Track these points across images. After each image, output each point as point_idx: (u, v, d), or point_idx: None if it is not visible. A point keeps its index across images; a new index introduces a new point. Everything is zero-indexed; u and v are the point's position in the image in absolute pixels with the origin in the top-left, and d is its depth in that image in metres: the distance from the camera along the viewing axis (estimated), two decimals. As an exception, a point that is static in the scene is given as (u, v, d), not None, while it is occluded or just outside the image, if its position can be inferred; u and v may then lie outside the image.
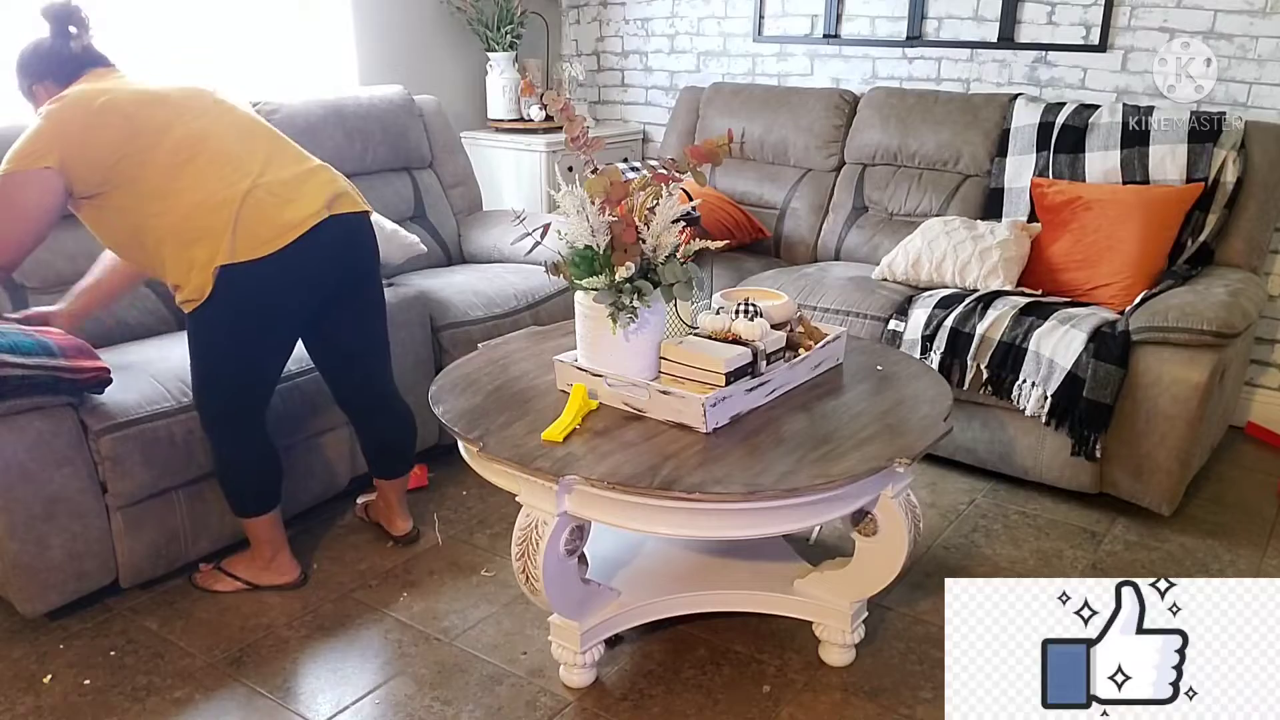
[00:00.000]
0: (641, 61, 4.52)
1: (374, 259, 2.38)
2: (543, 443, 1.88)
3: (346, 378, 2.44)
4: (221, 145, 2.13)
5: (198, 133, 2.12)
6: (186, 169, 2.08)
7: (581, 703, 2.04)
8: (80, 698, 2.06)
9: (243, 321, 2.15)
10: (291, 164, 2.21)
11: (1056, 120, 3.28)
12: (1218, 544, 2.66)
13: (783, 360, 2.12)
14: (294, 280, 2.16)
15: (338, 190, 2.23)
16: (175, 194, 2.08)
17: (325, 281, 2.24)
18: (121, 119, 2.06)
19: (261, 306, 2.15)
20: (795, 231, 3.76)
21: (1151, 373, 2.61)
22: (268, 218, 2.10)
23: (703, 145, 1.98)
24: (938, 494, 2.92)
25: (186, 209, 2.07)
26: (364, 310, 2.39)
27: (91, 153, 2.04)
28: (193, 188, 2.08)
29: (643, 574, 2.23)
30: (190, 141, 2.10)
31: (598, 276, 1.96)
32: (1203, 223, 3.04)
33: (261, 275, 2.10)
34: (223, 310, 2.11)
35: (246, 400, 2.26)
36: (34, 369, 2.05)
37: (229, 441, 2.28)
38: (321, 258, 2.18)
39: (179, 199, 2.07)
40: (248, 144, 2.18)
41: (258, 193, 2.10)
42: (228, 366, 2.21)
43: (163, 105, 2.12)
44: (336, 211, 2.19)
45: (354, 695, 2.07)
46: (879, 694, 2.06)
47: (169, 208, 2.08)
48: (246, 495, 2.33)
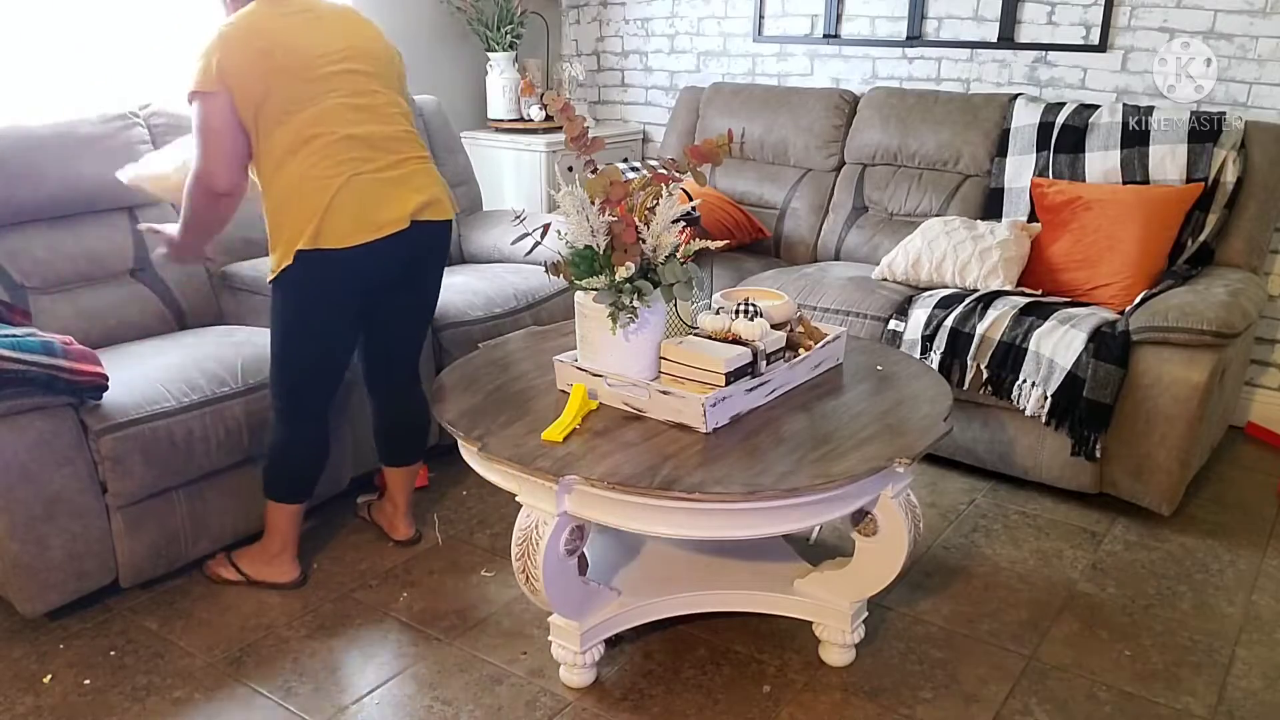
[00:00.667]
0: (641, 61, 4.52)
1: (442, 261, 2.44)
2: (543, 443, 1.88)
3: (384, 360, 2.49)
4: (342, 130, 2.15)
5: (326, 116, 2.14)
6: (302, 150, 2.13)
7: (581, 703, 2.04)
8: (80, 697, 2.06)
9: (313, 303, 2.22)
10: (398, 161, 2.23)
11: (1056, 120, 3.28)
12: (1218, 544, 2.66)
13: (783, 360, 2.12)
14: (365, 276, 2.22)
15: (430, 197, 2.26)
16: (288, 166, 2.13)
17: (392, 277, 2.30)
18: (267, 73, 2.09)
19: (332, 295, 2.21)
20: (795, 231, 3.76)
21: (1151, 373, 2.61)
22: (356, 213, 2.14)
23: (703, 145, 1.98)
24: (938, 494, 2.92)
25: (293, 184, 2.13)
26: (420, 302, 2.46)
27: (241, 88, 2.09)
28: (303, 166, 2.12)
29: (643, 574, 2.23)
30: (315, 123, 2.13)
31: (598, 276, 1.96)
32: (1203, 223, 3.04)
33: (336, 266, 2.16)
34: (296, 289, 2.19)
35: (310, 381, 2.31)
36: (32, 365, 2.06)
37: (286, 419, 2.33)
38: (396, 260, 2.25)
39: (290, 172, 2.13)
40: (368, 134, 2.19)
41: (355, 185, 2.14)
42: (295, 344, 2.26)
43: (308, 82, 2.13)
44: (422, 218, 2.24)
45: (354, 695, 2.07)
46: (879, 694, 2.06)
47: (280, 178, 2.14)
48: (282, 479, 2.37)
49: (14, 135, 2.66)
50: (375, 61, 2.26)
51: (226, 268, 3.01)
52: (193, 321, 2.91)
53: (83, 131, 2.79)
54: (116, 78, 3.20)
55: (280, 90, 2.10)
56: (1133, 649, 2.22)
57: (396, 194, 2.20)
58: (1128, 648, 2.22)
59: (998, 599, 2.40)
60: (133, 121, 2.92)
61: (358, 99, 2.20)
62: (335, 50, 2.18)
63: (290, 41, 2.13)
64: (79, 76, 3.11)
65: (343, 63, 2.19)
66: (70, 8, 3.05)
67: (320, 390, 2.34)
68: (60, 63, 3.08)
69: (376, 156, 2.19)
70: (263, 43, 2.10)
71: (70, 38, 3.08)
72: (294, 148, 2.12)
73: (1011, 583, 2.47)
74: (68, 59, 3.09)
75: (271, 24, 2.13)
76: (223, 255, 2.98)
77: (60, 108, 2.94)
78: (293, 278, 2.16)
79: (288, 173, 2.13)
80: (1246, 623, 2.32)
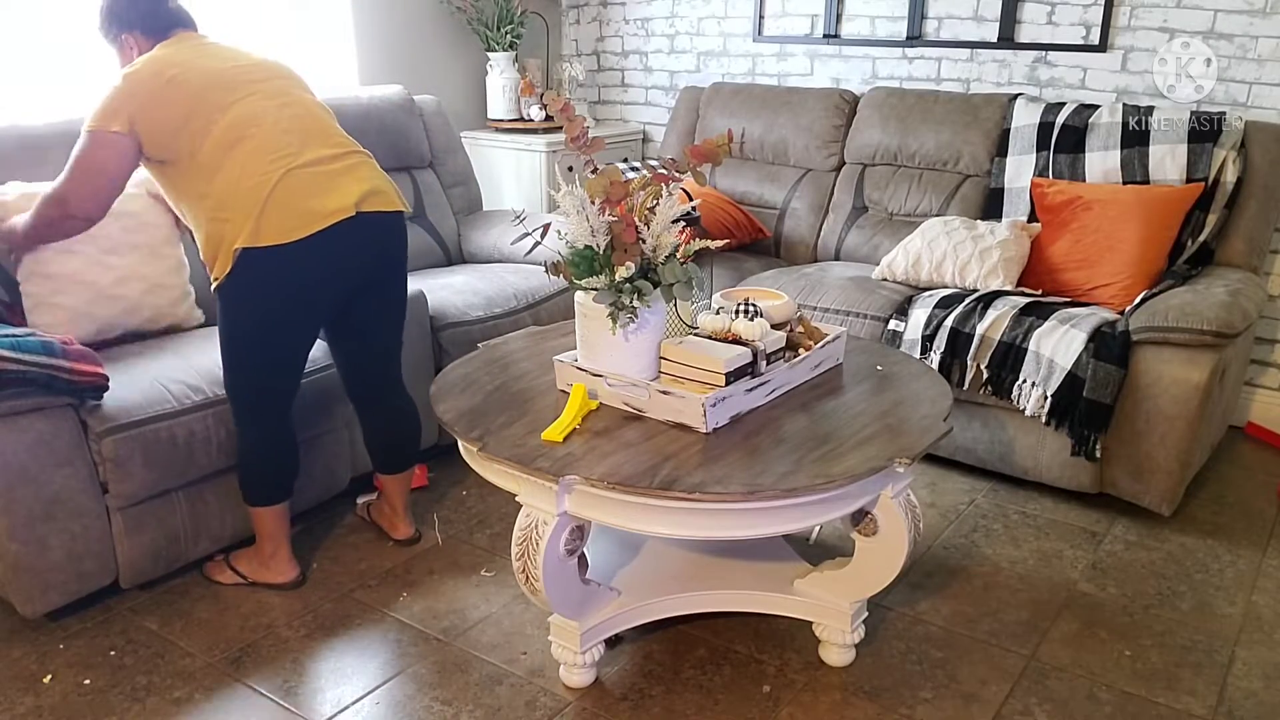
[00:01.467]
0: (641, 61, 4.52)
1: (401, 258, 2.41)
2: (543, 443, 1.88)
3: (361, 369, 2.47)
4: (272, 128, 2.16)
5: (252, 114, 2.16)
6: (234, 150, 2.12)
7: (581, 703, 2.04)
8: (80, 697, 2.06)
9: (260, 305, 2.18)
10: (335, 155, 2.22)
11: (1056, 120, 3.28)
12: (1218, 544, 2.67)
13: (783, 360, 2.12)
14: (313, 271, 2.18)
15: (374, 187, 2.24)
16: (219, 173, 2.12)
17: (348, 275, 2.26)
18: (185, 96, 2.12)
19: (279, 292, 2.18)
20: (795, 231, 3.76)
21: (1151, 373, 2.61)
22: (296, 205, 2.12)
23: (703, 145, 1.98)
24: (938, 494, 2.92)
25: (225, 188, 2.12)
26: (387, 306, 2.42)
27: (156, 123, 2.12)
28: (234, 169, 2.12)
29: (643, 574, 2.23)
30: (243, 123, 2.14)
31: (598, 276, 1.96)
32: (1203, 223, 3.04)
33: (280, 262, 2.12)
34: (241, 292, 2.16)
35: (268, 385, 2.29)
36: (32, 365, 2.06)
37: (248, 425, 2.31)
38: (345, 253, 2.21)
39: (221, 178, 2.12)
40: (297, 128, 2.20)
41: (291, 178, 2.13)
42: (247, 349, 2.24)
43: (228, 89, 2.17)
44: (368, 209, 2.21)
45: (354, 695, 2.07)
46: (879, 694, 2.06)
47: (212, 188, 2.13)
48: (255, 483, 2.35)
49: (14, 134, 2.66)
50: (281, 71, 2.31)
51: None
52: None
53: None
54: (114, 77, 3.19)
55: (201, 104, 2.12)
56: (1133, 649, 2.22)
57: (338, 184, 2.18)
58: (1128, 648, 2.22)
59: (998, 599, 2.40)
60: (133, 121, 2.92)
61: (279, 97, 2.22)
62: (246, 65, 2.24)
63: (200, 63, 2.18)
64: (78, 75, 3.11)
65: (256, 71, 2.24)
66: (70, 8, 3.05)
67: (278, 392, 2.31)
68: (60, 63, 3.08)
69: (311, 149, 2.19)
70: (173, 71, 2.14)
71: (70, 38, 3.08)
72: (225, 151, 2.12)
73: (1011, 583, 2.47)
74: (68, 59, 3.09)
75: (177, 55, 2.18)
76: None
77: (60, 106, 2.94)
78: (237, 280, 2.13)
79: (220, 180, 2.11)
80: (1246, 623, 2.32)
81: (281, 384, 2.31)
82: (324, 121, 2.28)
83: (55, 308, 2.49)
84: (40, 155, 2.68)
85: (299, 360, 2.32)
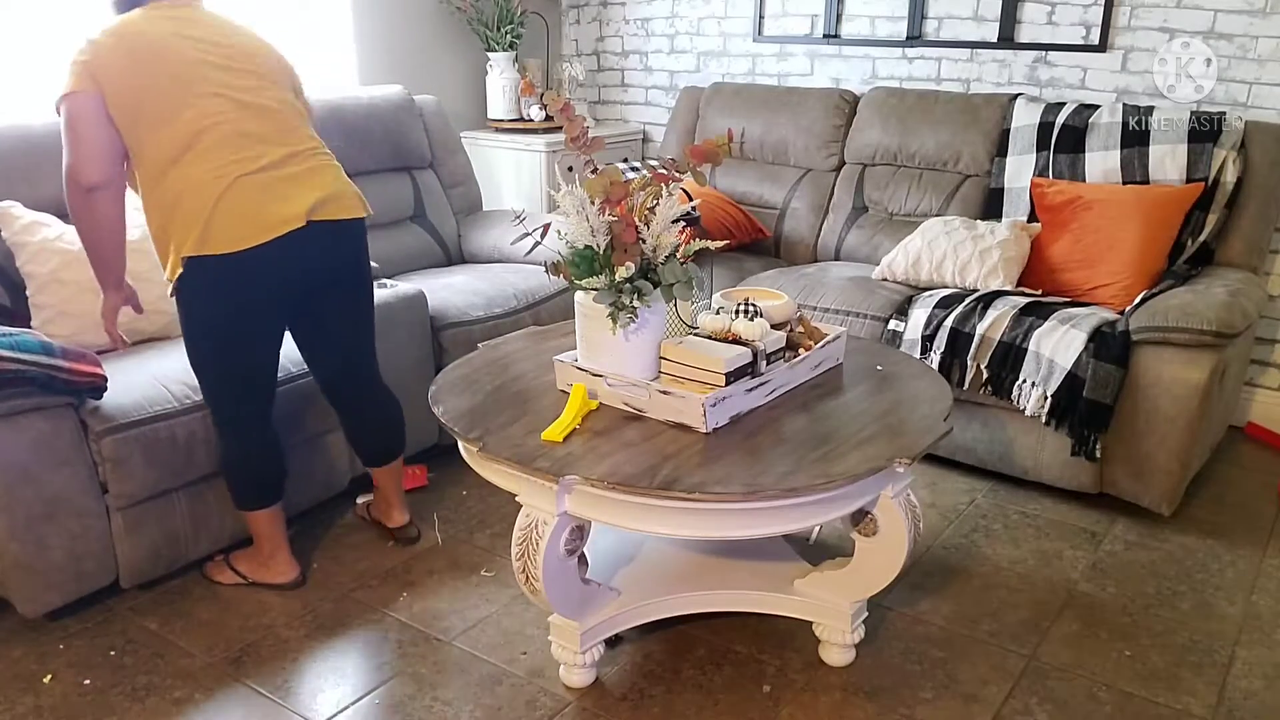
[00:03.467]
0: (641, 61, 4.52)
1: (358, 263, 2.35)
2: (543, 443, 1.88)
3: (330, 368, 2.44)
4: (230, 130, 2.10)
5: (209, 111, 2.09)
6: (188, 151, 2.07)
7: (581, 703, 2.04)
8: (80, 697, 2.06)
9: (213, 312, 2.15)
10: (292, 157, 2.16)
11: (1056, 120, 3.28)
12: (1218, 544, 2.66)
13: (783, 360, 2.12)
14: (262, 280, 2.14)
15: (329, 193, 2.19)
16: (173, 169, 2.07)
17: (299, 283, 2.22)
18: (145, 79, 2.06)
19: (228, 300, 2.14)
20: (795, 231, 3.76)
21: (1151, 373, 2.61)
22: (245, 213, 2.07)
23: (703, 145, 1.98)
24: (938, 494, 2.92)
25: (176, 192, 2.07)
26: (347, 305, 2.37)
27: (114, 89, 2.05)
28: (185, 172, 2.06)
29: (643, 574, 2.23)
30: (198, 124, 2.08)
31: (598, 276, 1.96)
32: (1203, 223, 3.04)
33: (227, 271, 2.08)
34: (192, 297, 2.13)
35: (235, 391, 2.25)
36: (30, 365, 2.06)
37: (228, 431, 2.28)
38: (294, 262, 2.16)
39: (175, 175, 2.07)
40: (256, 130, 2.13)
41: (242, 185, 2.07)
42: (207, 355, 2.21)
43: (188, 84, 2.08)
44: (319, 217, 2.16)
45: (354, 695, 2.07)
46: (879, 694, 2.06)
47: (164, 185, 2.08)
48: (243, 488, 2.34)
49: (14, 134, 2.66)
50: (261, 62, 2.21)
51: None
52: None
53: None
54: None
55: (155, 94, 2.06)
56: (1133, 649, 2.22)
57: (290, 191, 2.13)
58: (1128, 648, 2.22)
59: (998, 599, 2.40)
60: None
61: (244, 95, 2.14)
62: (215, 50, 2.13)
63: (163, 44, 2.08)
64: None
65: (225, 61, 2.14)
66: (69, 6, 3.05)
67: (248, 397, 2.27)
68: (60, 61, 3.08)
69: (267, 152, 2.12)
70: (133, 43, 2.06)
71: (70, 37, 3.07)
72: (176, 154, 2.06)
73: (1011, 583, 2.47)
74: (68, 59, 3.08)
75: (146, 27, 2.09)
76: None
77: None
78: (188, 285, 2.10)
79: (171, 179, 2.07)
80: (1246, 623, 2.32)
81: (249, 389, 2.26)
82: (286, 121, 2.19)
83: (69, 316, 2.50)
84: (40, 155, 2.68)
85: (263, 365, 2.27)
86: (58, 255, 2.50)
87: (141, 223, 2.66)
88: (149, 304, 2.63)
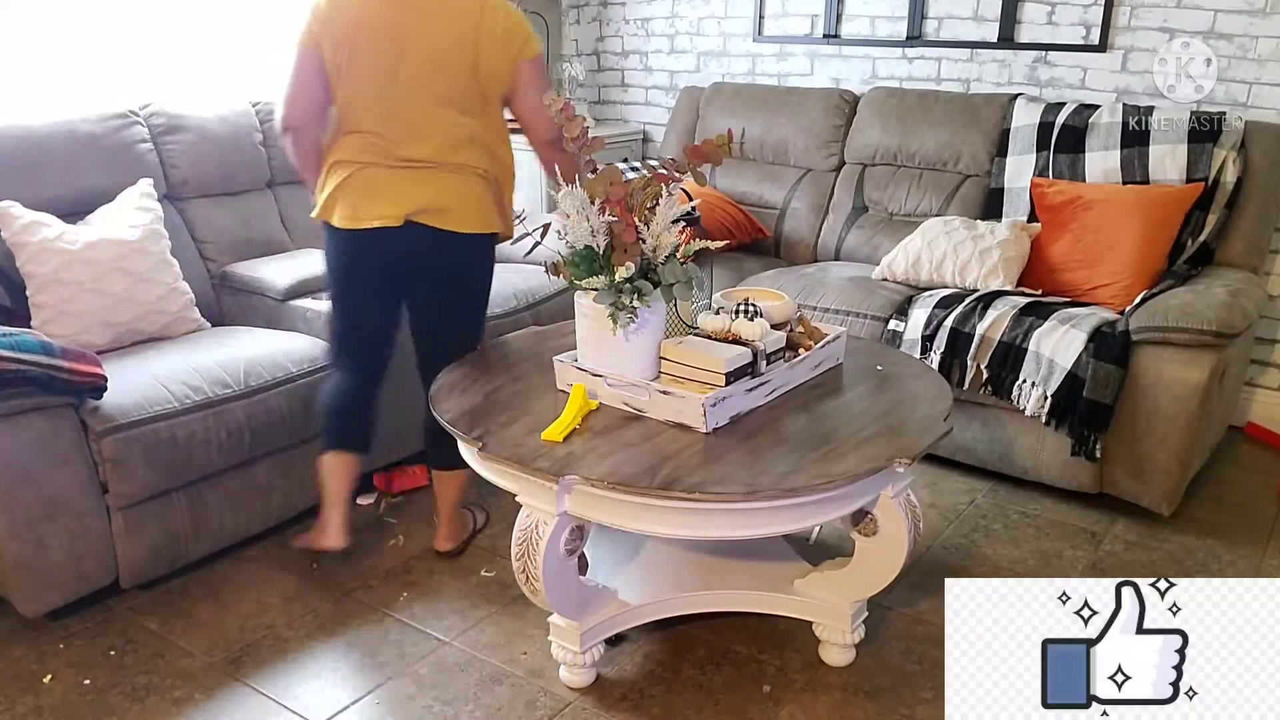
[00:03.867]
0: (641, 61, 4.52)
1: (455, 271, 2.39)
2: (543, 443, 1.88)
3: (419, 355, 2.51)
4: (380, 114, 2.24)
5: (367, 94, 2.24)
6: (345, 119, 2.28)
7: (581, 703, 2.04)
8: (80, 697, 2.06)
9: (329, 266, 2.41)
10: (421, 161, 2.25)
11: (1056, 120, 3.28)
12: (1218, 544, 2.66)
13: (783, 360, 2.12)
14: (359, 260, 2.33)
15: (432, 204, 2.26)
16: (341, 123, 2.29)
17: (400, 270, 2.35)
18: (339, 37, 2.20)
19: (334, 262, 2.38)
20: (795, 231, 3.76)
21: (1151, 373, 2.61)
22: (354, 200, 2.26)
23: (703, 145, 1.98)
24: (938, 494, 2.92)
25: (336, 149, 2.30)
26: (436, 304, 2.43)
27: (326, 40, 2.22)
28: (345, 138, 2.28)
29: (643, 574, 2.23)
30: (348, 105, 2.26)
31: (598, 276, 1.96)
32: (1203, 223, 3.04)
33: (334, 241, 2.34)
34: (324, 246, 2.39)
35: (339, 333, 2.47)
36: (30, 364, 2.06)
37: (330, 365, 2.53)
38: (390, 253, 2.31)
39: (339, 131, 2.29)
40: (403, 121, 2.24)
41: (367, 174, 2.26)
42: (328, 299, 2.50)
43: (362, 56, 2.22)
44: (421, 221, 2.27)
45: (354, 695, 2.07)
46: (879, 694, 2.06)
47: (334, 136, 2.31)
48: (321, 424, 2.47)
49: (14, 134, 2.66)
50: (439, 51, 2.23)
51: (226, 267, 3.02)
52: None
53: (82, 130, 2.80)
54: (114, 76, 3.20)
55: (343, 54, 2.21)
56: (1133, 649, 2.22)
57: (403, 191, 2.25)
58: (1128, 648, 2.22)
59: (998, 599, 2.40)
60: (132, 120, 2.93)
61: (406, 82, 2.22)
62: (410, 31, 2.20)
63: (368, 11, 2.20)
64: (78, 75, 3.11)
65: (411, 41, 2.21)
66: (70, 6, 3.05)
67: (344, 350, 2.46)
68: (60, 61, 3.08)
69: (406, 147, 2.24)
70: (330, 12, 2.21)
71: (70, 36, 3.08)
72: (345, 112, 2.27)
73: (1011, 583, 2.47)
74: (67, 58, 3.09)
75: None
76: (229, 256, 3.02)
77: (60, 106, 2.94)
78: (324, 235, 2.36)
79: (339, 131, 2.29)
80: (1246, 623, 2.32)
81: (345, 343, 2.46)
82: (433, 119, 2.25)
83: (69, 316, 2.50)
84: (41, 155, 2.69)
85: (359, 328, 2.44)
86: (58, 255, 2.50)
87: (141, 222, 2.68)
88: (148, 304, 2.64)
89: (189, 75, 3.39)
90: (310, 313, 2.78)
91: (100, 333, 2.55)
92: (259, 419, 2.46)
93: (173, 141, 3.00)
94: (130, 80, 3.22)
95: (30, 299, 2.50)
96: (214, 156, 3.07)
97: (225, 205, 3.11)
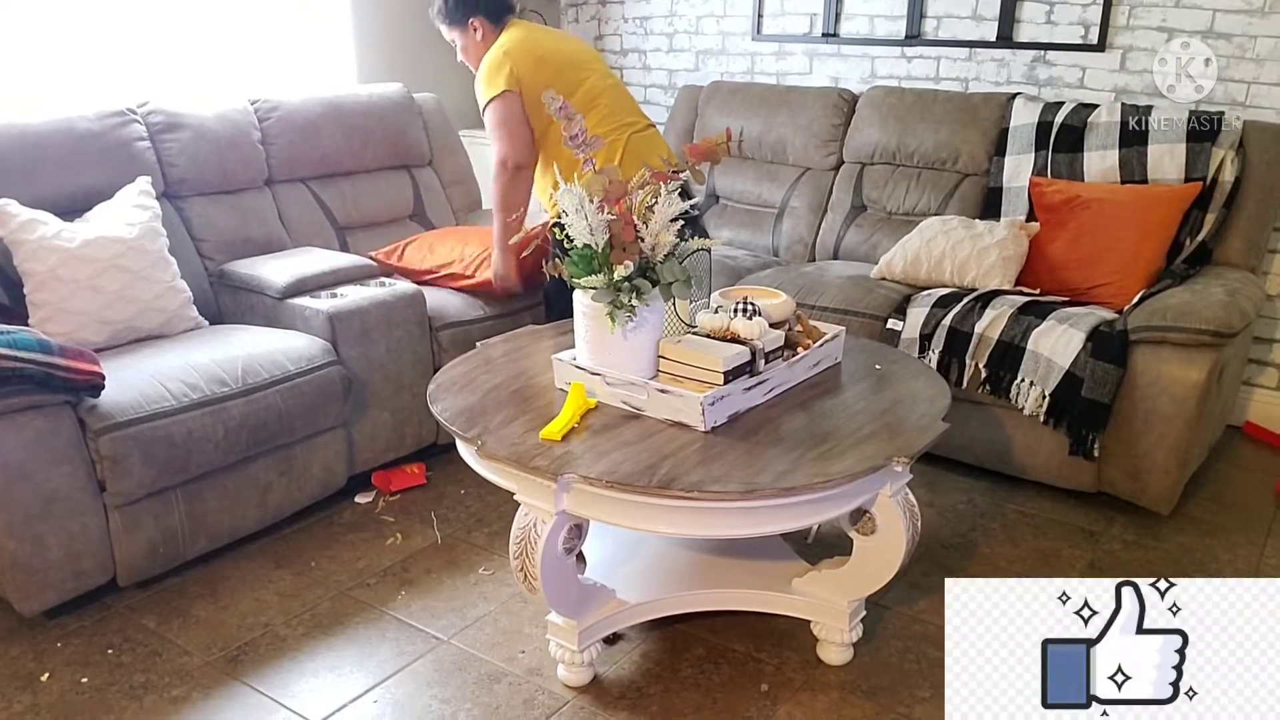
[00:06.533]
0: (640, 60, 4.52)
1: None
2: (541, 441, 1.88)
3: None
4: (611, 102, 2.80)
5: (595, 90, 2.79)
6: (588, 115, 2.61)
7: (579, 701, 2.04)
8: (78, 696, 2.06)
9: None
10: (646, 125, 2.86)
11: (1055, 119, 3.28)
12: (1216, 543, 2.67)
13: (781, 359, 2.12)
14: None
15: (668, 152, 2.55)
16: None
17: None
18: (550, 72, 2.73)
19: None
20: (794, 230, 3.76)
21: (1150, 372, 2.61)
22: (640, 159, 2.55)
23: (701, 144, 1.98)
24: (936, 493, 2.92)
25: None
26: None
27: (530, 88, 2.70)
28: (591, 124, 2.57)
29: (641, 573, 2.23)
30: (591, 95, 2.77)
31: (596, 275, 1.96)
32: (1201, 222, 3.04)
33: None
34: None
35: None
36: (28, 363, 2.06)
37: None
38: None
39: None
40: (622, 102, 2.85)
41: (635, 139, 2.77)
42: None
43: (577, 68, 2.81)
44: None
45: (352, 694, 2.07)
46: (877, 693, 2.06)
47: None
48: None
49: (12, 132, 2.66)
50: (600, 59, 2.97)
51: (224, 265, 3.01)
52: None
53: (80, 128, 2.79)
54: (112, 74, 3.19)
55: (559, 80, 2.64)
56: (1131, 648, 2.22)
57: (654, 146, 2.76)
58: (1126, 647, 2.22)
59: (996, 598, 2.40)
60: (130, 118, 2.92)
61: (608, 78, 2.87)
62: (576, 49, 2.91)
63: (552, 44, 2.85)
64: (76, 73, 3.11)
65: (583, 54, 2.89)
66: (68, 5, 3.05)
67: None
68: (58, 59, 3.08)
69: (633, 117, 2.82)
70: (540, 51, 2.77)
71: (68, 34, 3.07)
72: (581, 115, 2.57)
73: (1009, 582, 2.47)
74: (65, 56, 3.09)
75: (533, 36, 2.81)
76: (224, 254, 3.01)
77: (58, 104, 2.93)
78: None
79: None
80: (1244, 622, 2.32)
81: None
82: (632, 99, 2.93)
83: (67, 314, 2.50)
84: (38, 153, 2.68)
85: None
86: (55, 253, 2.49)
87: (139, 220, 2.67)
88: (145, 302, 2.63)
89: (187, 73, 3.39)
90: (309, 311, 2.77)
91: (98, 331, 2.55)
92: (257, 417, 2.46)
93: (171, 139, 2.99)
94: (128, 78, 3.22)
95: (28, 297, 2.50)
96: (212, 154, 3.06)
97: (223, 203, 3.10)
